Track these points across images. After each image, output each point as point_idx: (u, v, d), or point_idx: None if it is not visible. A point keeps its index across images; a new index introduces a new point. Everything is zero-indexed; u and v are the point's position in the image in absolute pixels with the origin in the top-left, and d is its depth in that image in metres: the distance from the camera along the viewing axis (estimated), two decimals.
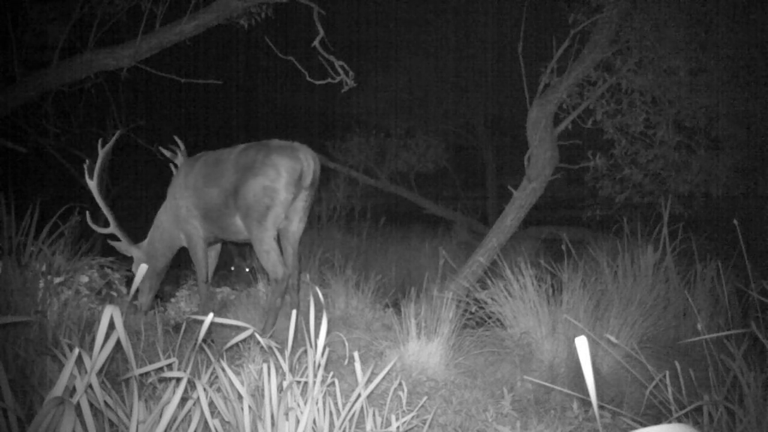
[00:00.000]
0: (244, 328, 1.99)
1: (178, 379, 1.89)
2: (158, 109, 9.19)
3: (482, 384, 3.09)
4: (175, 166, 4.26)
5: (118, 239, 4.10)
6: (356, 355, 2.11)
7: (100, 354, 1.72)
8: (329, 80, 5.35)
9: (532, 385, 3.06)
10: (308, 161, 3.50)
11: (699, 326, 2.59)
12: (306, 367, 2.17)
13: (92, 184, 3.85)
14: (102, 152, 3.88)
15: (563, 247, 3.77)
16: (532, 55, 5.21)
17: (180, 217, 3.92)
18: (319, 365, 1.99)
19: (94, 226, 3.84)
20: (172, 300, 4.65)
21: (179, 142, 4.22)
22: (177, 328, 3.78)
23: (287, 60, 5.38)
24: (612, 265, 3.80)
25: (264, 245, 3.43)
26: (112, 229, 4.00)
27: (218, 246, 4.28)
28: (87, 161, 3.95)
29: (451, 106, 11.46)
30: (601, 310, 3.45)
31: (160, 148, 4.18)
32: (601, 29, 4.86)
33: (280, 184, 3.38)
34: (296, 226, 3.68)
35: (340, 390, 2.13)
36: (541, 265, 3.64)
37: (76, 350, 1.74)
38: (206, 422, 1.86)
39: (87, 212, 3.84)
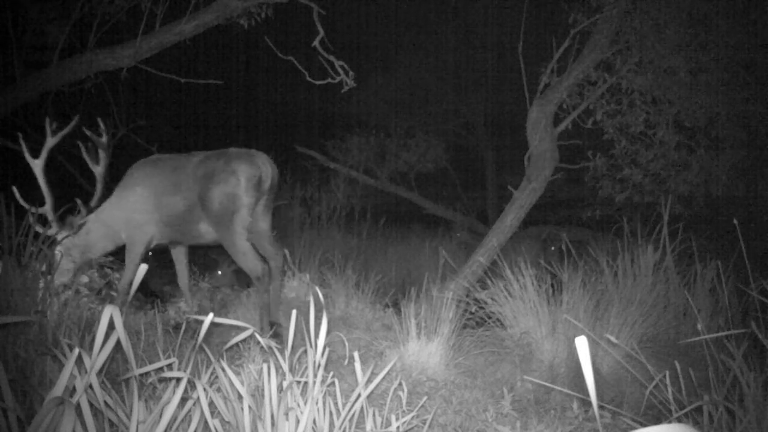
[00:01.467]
0: (244, 328, 1.99)
1: (178, 379, 1.89)
2: (158, 109, 9.19)
3: (482, 384, 3.09)
4: (96, 148, 4.04)
5: (50, 224, 3.83)
6: (356, 355, 2.11)
7: (100, 354, 1.72)
8: (329, 80, 5.34)
9: (532, 385, 3.06)
10: (266, 167, 3.73)
11: (699, 326, 2.60)
12: (306, 367, 2.17)
13: (37, 163, 3.73)
14: (54, 138, 3.83)
15: (563, 247, 3.77)
16: (532, 55, 5.20)
17: (132, 221, 3.88)
18: (319, 365, 1.99)
19: (26, 205, 3.52)
20: (172, 300, 4.65)
21: (101, 122, 4.11)
22: (177, 328, 3.78)
23: (287, 60, 5.38)
24: (612, 265, 3.80)
25: (238, 248, 3.59)
26: (47, 210, 3.77)
27: (185, 249, 4.27)
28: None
29: (451, 106, 11.46)
30: (601, 310, 3.45)
31: (84, 129, 4.05)
32: (601, 29, 4.86)
33: (241, 190, 3.57)
34: (263, 225, 3.87)
35: (340, 390, 2.13)
36: (541, 265, 3.64)
37: (76, 350, 1.74)
38: (206, 422, 1.86)
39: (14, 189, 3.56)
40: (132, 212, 3.89)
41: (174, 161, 3.89)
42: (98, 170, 3.95)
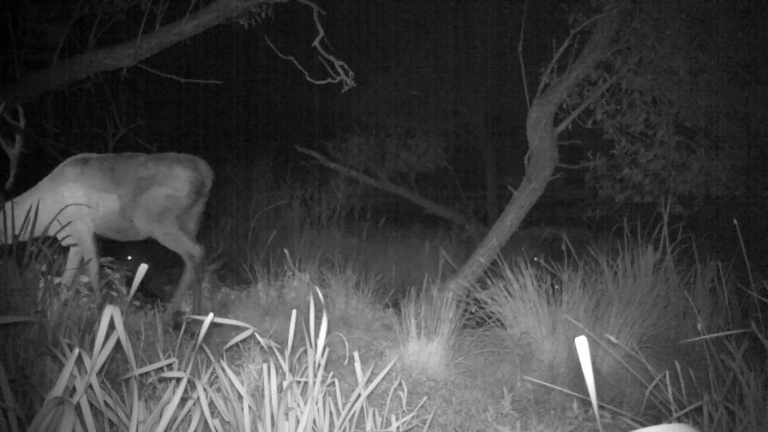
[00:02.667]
0: (244, 328, 1.99)
1: (178, 379, 1.89)
2: (158, 109, 9.18)
3: (482, 384, 3.09)
4: (13, 133, 4.07)
5: None
6: (356, 355, 2.11)
7: (100, 354, 1.72)
8: (329, 80, 5.34)
9: (532, 385, 3.06)
10: (207, 172, 3.99)
11: (699, 326, 2.60)
12: (306, 367, 2.17)
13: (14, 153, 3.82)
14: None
15: (563, 247, 3.77)
16: (532, 55, 5.20)
17: (69, 213, 3.91)
18: (319, 365, 1.99)
19: None
20: (172, 300, 4.65)
21: (20, 109, 4.14)
22: (177, 328, 3.78)
23: (287, 60, 5.38)
24: (612, 265, 3.80)
25: (171, 236, 3.85)
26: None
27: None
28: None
29: (451, 106, 11.46)
30: (601, 310, 3.45)
31: (3, 115, 4.09)
32: (601, 29, 4.85)
33: (183, 193, 3.83)
34: (191, 225, 4.09)
35: (340, 390, 2.13)
36: (541, 265, 3.64)
37: (76, 350, 1.74)
38: (206, 422, 1.86)
39: None
40: (64, 207, 3.91)
41: (111, 162, 4.03)
42: (13, 153, 3.95)
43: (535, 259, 3.61)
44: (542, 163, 5.06)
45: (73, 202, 3.94)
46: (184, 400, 1.90)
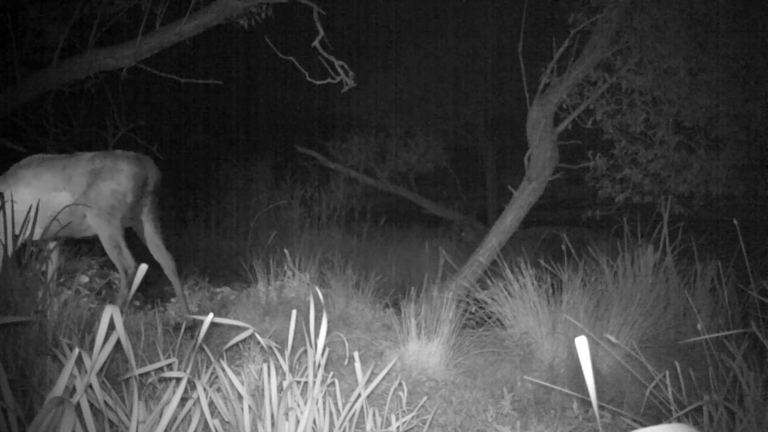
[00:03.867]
0: (244, 328, 1.99)
1: (178, 379, 1.89)
2: (158, 109, 9.18)
3: (482, 384, 3.09)
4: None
5: None
6: (356, 355, 2.11)
7: (100, 354, 1.72)
8: (329, 80, 5.34)
9: (532, 385, 3.06)
10: (151, 169, 4.09)
11: (699, 326, 2.60)
12: (306, 367, 2.17)
13: None
14: None
15: (563, 247, 3.77)
16: (532, 55, 5.20)
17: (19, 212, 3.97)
18: (319, 365, 1.99)
19: None
20: (172, 300, 4.65)
21: None
22: (177, 328, 3.78)
23: (287, 60, 5.38)
24: (612, 265, 3.80)
25: (113, 242, 3.86)
26: None
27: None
28: None
29: (451, 106, 11.47)
30: (601, 310, 3.45)
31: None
32: (601, 29, 4.85)
33: (127, 188, 3.89)
34: (151, 226, 4.16)
35: (340, 390, 2.13)
36: (541, 265, 3.64)
37: (76, 350, 1.74)
38: (206, 422, 1.86)
39: None
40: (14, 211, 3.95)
41: (60, 162, 4.09)
42: None
43: (540, 262, 3.60)
44: (542, 163, 5.06)
45: (22, 207, 3.95)
46: (184, 400, 1.90)
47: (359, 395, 2.02)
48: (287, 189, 9.13)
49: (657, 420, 2.52)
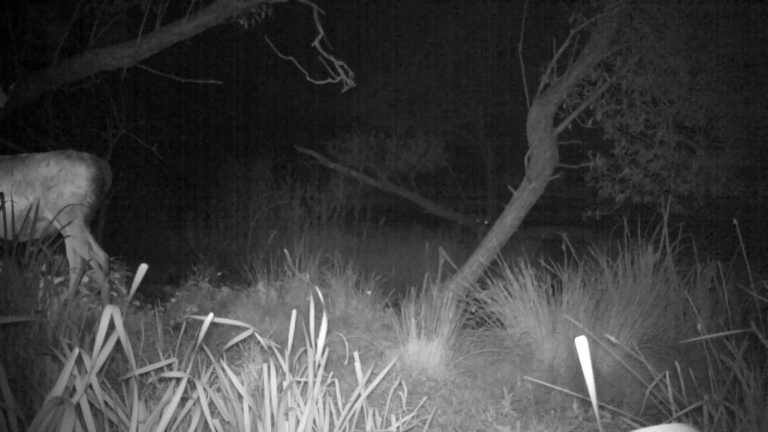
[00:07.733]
0: (244, 328, 1.99)
1: (178, 379, 1.89)
2: (158, 109, 9.19)
3: (482, 384, 3.09)
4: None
5: None
6: (356, 355, 2.11)
7: (100, 354, 1.72)
8: (329, 80, 5.34)
9: (532, 385, 3.06)
10: (107, 171, 4.13)
11: (699, 326, 2.60)
12: (306, 367, 2.17)
13: None
14: None
15: (563, 247, 3.77)
16: (532, 55, 5.21)
17: None
18: (319, 365, 1.99)
19: None
20: (172, 300, 4.65)
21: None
22: (177, 328, 3.78)
23: (287, 60, 5.38)
24: (612, 265, 3.80)
25: (81, 240, 3.91)
26: None
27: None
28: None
29: (451, 106, 11.47)
30: (601, 310, 3.45)
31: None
32: (601, 29, 4.85)
33: (88, 190, 3.94)
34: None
35: (340, 390, 2.13)
36: (541, 265, 3.64)
37: (76, 350, 1.74)
38: (206, 422, 1.86)
39: None
40: None
41: (12, 162, 4.07)
42: None
43: (540, 262, 3.60)
44: (542, 163, 5.06)
45: None
46: (184, 400, 1.90)
47: (359, 395, 2.02)
48: (287, 189, 9.13)
49: (657, 420, 2.52)
